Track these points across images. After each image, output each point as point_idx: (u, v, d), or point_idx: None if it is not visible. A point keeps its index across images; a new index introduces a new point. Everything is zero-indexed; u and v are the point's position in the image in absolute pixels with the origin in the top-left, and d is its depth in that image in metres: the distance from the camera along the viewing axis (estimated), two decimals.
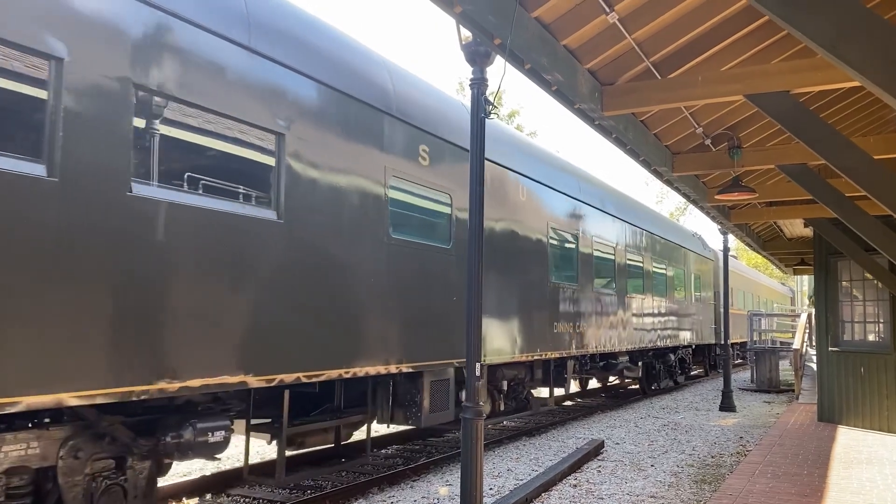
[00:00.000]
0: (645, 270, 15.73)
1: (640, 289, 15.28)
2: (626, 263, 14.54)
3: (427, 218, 7.99)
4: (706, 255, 22.21)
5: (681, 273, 18.82)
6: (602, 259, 13.28)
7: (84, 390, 4.32)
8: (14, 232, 4.03)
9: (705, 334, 21.15)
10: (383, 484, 8.22)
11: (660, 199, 51.59)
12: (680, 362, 19.64)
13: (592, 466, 9.26)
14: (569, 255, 11.72)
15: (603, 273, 13.37)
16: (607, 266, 13.65)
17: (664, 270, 17.18)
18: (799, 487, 7.36)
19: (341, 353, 6.40)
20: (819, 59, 5.98)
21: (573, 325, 11.48)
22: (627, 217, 14.89)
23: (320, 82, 6.29)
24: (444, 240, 8.12)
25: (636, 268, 15.28)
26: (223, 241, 5.28)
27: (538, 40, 5.64)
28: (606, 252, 13.58)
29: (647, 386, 17.77)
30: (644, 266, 15.65)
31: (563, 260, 11.47)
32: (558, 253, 11.29)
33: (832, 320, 12.32)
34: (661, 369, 17.95)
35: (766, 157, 9.03)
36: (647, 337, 15.49)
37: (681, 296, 18.59)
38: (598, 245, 13.09)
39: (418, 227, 7.79)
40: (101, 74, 4.52)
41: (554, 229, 11.14)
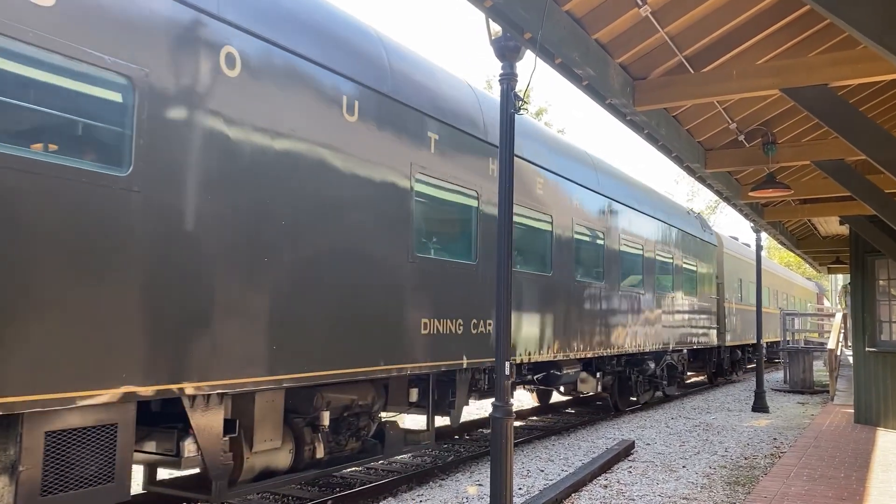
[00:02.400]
0: (607, 252, 11.86)
1: (601, 276, 11.61)
2: (573, 238, 10.61)
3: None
4: (706, 238, 18.44)
5: (668, 259, 15.16)
6: (522, 228, 9.30)
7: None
8: None
9: (704, 336, 17.75)
10: (412, 482, 8.19)
11: (690, 198, 51.00)
12: (669, 369, 15.94)
13: (623, 467, 9.15)
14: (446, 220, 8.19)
15: (528, 248, 9.58)
16: (531, 238, 9.64)
17: (638, 252, 13.38)
18: (836, 490, 7.19)
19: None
20: (860, 52, 5.82)
21: (470, 323, 7.99)
22: (571, 174, 10.80)
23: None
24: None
25: (591, 247, 11.45)
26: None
27: (569, 34, 5.55)
28: (527, 217, 9.46)
29: (620, 400, 14.32)
30: (606, 245, 11.82)
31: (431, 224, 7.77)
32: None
33: (869, 320, 12.05)
34: (639, 380, 14.34)
35: (801, 153, 8.85)
36: (615, 340, 12.05)
37: (667, 288, 15.05)
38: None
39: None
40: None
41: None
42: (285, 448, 6.08)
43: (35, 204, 3.97)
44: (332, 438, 6.70)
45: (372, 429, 7.24)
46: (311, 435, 6.36)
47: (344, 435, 6.88)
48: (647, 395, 15.27)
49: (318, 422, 6.36)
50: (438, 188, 7.66)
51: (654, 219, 14.41)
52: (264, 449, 5.77)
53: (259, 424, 5.68)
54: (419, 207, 7.29)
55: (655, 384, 15.46)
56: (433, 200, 7.65)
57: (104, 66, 4.33)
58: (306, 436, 6.32)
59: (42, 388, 3.97)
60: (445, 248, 7.99)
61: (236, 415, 5.62)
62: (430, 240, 7.74)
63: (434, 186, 7.59)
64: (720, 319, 19.47)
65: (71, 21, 4.18)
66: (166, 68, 4.69)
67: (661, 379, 15.49)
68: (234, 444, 5.58)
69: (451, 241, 8.23)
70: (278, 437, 5.91)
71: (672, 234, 15.55)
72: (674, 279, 15.48)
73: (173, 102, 4.74)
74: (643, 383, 14.68)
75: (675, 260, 15.64)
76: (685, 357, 17.10)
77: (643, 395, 14.98)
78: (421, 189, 7.33)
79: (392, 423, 7.55)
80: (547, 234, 9.92)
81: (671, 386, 16.46)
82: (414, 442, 7.75)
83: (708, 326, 18.11)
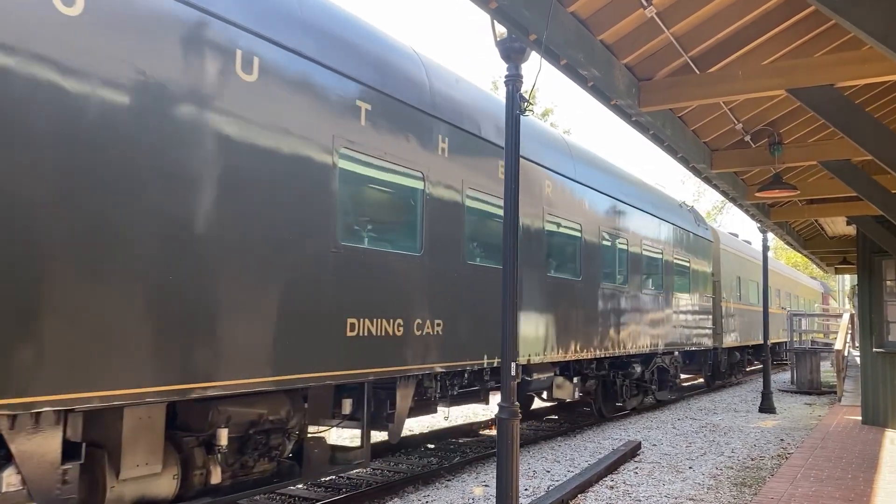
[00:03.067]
0: (585, 246, 10.74)
1: (578, 272, 10.53)
2: (544, 230, 9.51)
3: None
4: (700, 233, 17.17)
5: (656, 255, 13.90)
6: (483, 217, 8.28)
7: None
8: None
9: (698, 337, 16.51)
10: (418, 483, 8.20)
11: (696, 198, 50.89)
12: (660, 372, 14.98)
13: (629, 468, 9.14)
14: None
15: (492, 241, 8.29)
16: (496, 230, 8.15)
17: (622, 247, 12.28)
18: (843, 492, 7.17)
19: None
20: (865, 52, 5.81)
21: (413, 324, 6.93)
22: (542, 159, 9.65)
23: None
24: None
25: (566, 240, 10.39)
26: None
27: (574, 35, 5.56)
28: (490, 204, 8.32)
29: (604, 406, 13.10)
30: (584, 238, 10.75)
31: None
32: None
33: (876, 321, 12.01)
34: (625, 384, 13.23)
35: (807, 154, 8.84)
36: (596, 342, 11.01)
37: (656, 286, 13.89)
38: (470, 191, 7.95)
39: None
40: None
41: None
42: (168, 474, 5.07)
43: None
44: (234, 460, 5.67)
45: (288, 447, 6.12)
46: (205, 457, 5.32)
47: (251, 455, 5.80)
48: (634, 400, 14.10)
49: (213, 441, 5.31)
50: (372, 166, 6.55)
51: (642, 211, 13.28)
52: (137, 475, 4.79)
53: (128, 446, 4.71)
54: (346, 188, 6.21)
55: (644, 389, 14.39)
56: (365, 180, 6.59)
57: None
58: (197, 458, 5.27)
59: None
60: (382, 237, 6.90)
61: (94, 436, 4.66)
62: (363, 227, 6.64)
63: (366, 164, 6.48)
64: (717, 320, 18.44)
65: None
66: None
67: (651, 383, 14.46)
68: (92, 471, 4.65)
69: (390, 228, 7.09)
70: (157, 460, 4.90)
71: (662, 228, 14.30)
72: (663, 276, 14.26)
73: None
74: (630, 388, 13.57)
75: (665, 256, 14.41)
76: (678, 360, 15.90)
77: (630, 400, 13.82)
78: (348, 166, 6.23)
79: (317, 439, 6.45)
80: None
81: (662, 391, 15.50)
82: (344, 461, 6.66)
83: (703, 327, 16.93)
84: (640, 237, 13.04)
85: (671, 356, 15.31)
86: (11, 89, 3.89)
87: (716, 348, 18.50)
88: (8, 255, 3.85)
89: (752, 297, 22.80)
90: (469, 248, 7.96)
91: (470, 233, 7.96)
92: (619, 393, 13.12)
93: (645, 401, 14.91)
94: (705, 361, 18.42)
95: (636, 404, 14.38)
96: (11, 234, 3.87)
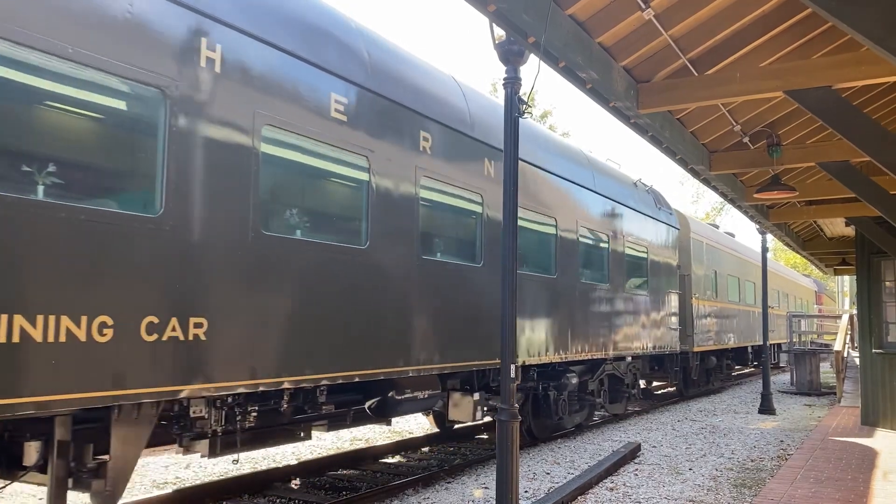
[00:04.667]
0: (486, 224, 8.36)
1: (476, 257, 8.22)
2: (415, 197, 7.18)
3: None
4: (663, 219, 14.69)
5: (601, 242, 11.57)
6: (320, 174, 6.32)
7: None
8: None
9: (660, 340, 13.98)
10: (418, 486, 8.20)
11: (695, 199, 50.95)
12: (611, 381, 12.69)
13: (629, 470, 9.14)
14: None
15: (335, 211, 6.50)
16: (343, 199, 6.58)
17: (548, 229, 9.90)
18: (843, 493, 7.17)
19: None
20: (863, 54, 5.83)
21: (141, 326, 4.63)
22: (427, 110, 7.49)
23: None
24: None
25: (455, 212, 8.06)
26: None
27: (573, 38, 5.58)
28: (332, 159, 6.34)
29: (536, 425, 10.83)
30: (486, 214, 8.36)
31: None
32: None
33: (875, 322, 12.02)
34: (561, 398, 10.65)
35: (806, 155, 8.85)
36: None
37: (600, 278, 11.48)
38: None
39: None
40: None
41: None
42: None
43: None
44: None
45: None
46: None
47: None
48: (578, 416, 11.69)
49: None
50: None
51: (581, 187, 10.86)
52: None
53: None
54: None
55: (590, 403, 11.88)
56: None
57: None
58: None
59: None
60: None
61: None
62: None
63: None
64: (685, 319, 16.12)
65: None
66: None
67: (600, 395, 12.04)
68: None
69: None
70: None
71: (609, 208, 11.91)
72: (610, 267, 11.82)
73: None
74: (570, 402, 11.03)
75: (614, 243, 11.98)
76: (635, 366, 13.52)
77: (571, 416, 11.29)
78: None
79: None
80: (364, 186, 6.57)
81: (616, 403, 13.10)
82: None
83: (666, 328, 14.40)
84: (577, 218, 10.69)
85: (625, 362, 12.95)
86: None
87: (685, 352, 16.23)
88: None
89: (732, 294, 20.58)
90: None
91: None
92: (556, 409, 10.56)
93: (593, 417, 12.62)
94: (671, 367, 15.71)
95: (581, 420, 11.94)
96: None
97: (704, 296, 17.71)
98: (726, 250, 20.31)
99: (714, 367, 19.23)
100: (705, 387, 19.15)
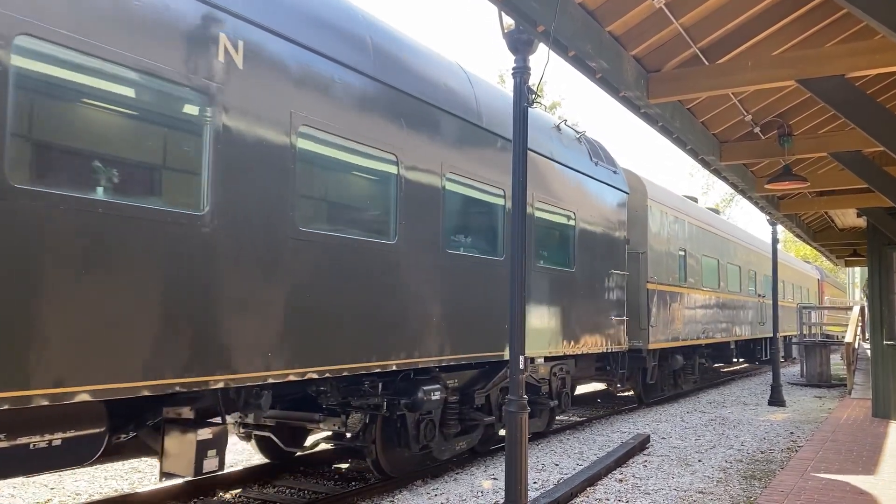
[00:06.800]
0: (300, 162, 5.87)
1: (285, 219, 5.70)
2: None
3: None
4: (601, 178, 11.36)
5: (492, 197, 8.43)
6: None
7: None
8: None
9: (597, 334, 10.93)
10: (427, 476, 8.21)
11: (705, 191, 50.72)
12: (529, 391, 8.72)
13: (638, 461, 9.13)
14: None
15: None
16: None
17: (387, 165, 6.85)
18: (853, 485, 7.13)
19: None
20: (877, 42, 5.76)
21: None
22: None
23: None
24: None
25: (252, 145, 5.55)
26: None
27: (582, 27, 5.53)
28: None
29: (386, 458, 7.59)
30: (294, 143, 5.83)
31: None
32: None
33: (887, 313, 11.95)
34: (424, 420, 7.55)
35: (818, 145, 8.77)
36: (327, 349, 6.03)
37: (490, 250, 8.42)
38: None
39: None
40: None
41: None
42: None
43: None
44: None
45: None
46: None
47: None
48: (464, 439, 8.36)
49: None
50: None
51: (450, 115, 7.68)
52: None
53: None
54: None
55: (475, 424, 8.53)
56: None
57: None
58: None
59: None
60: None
61: None
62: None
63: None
64: (637, 309, 12.93)
65: None
66: None
67: (492, 412, 8.71)
68: None
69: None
70: None
71: (505, 153, 8.39)
72: (505, 234, 8.44)
73: None
74: (446, 424, 8.00)
75: (510, 202, 8.35)
76: (563, 369, 10.45)
77: (448, 442, 8.07)
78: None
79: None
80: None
81: (532, 419, 9.76)
82: None
83: (605, 319, 11.23)
84: (442, 160, 7.50)
85: (548, 366, 10.10)
86: None
87: (637, 350, 12.87)
88: None
89: (709, 279, 16.95)
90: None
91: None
92: (413, 435, 7.44)
93: (476, 441, 8.70)
94: (615, 369, 12.14)
95: (467, 446, 8.48)
96: None
97: (666, 280, 14.17)
98: (701, 225, 16.62)
99: (681, 369, 15.63)
100: (673, 391, 15.81)
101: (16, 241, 3.99)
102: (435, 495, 7.39)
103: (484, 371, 8.68)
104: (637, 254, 13.08)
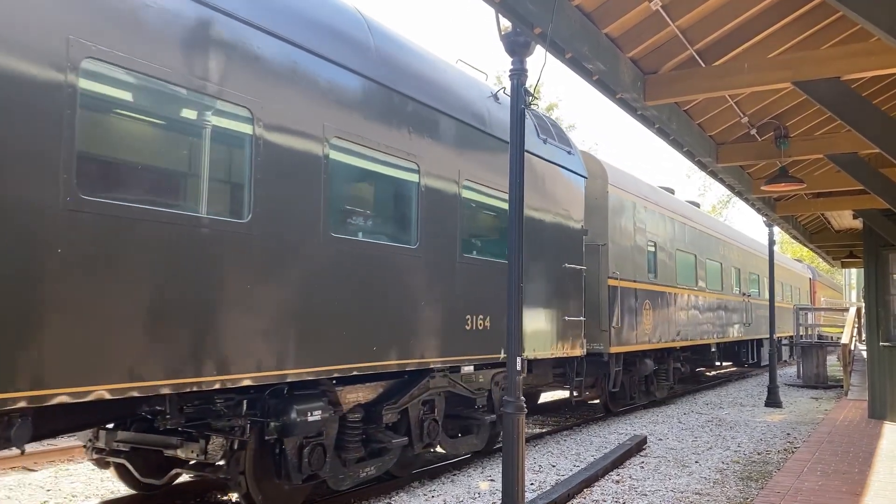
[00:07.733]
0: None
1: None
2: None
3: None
4: (552, 159, 9.84)
5: (403, 174, 7.06)
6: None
7: None
8: None
9: (544, 338, 9.48)
10: (424, 478, 8.22)
11: (702, 192, 50.81)
12: (454, 401, 8.13)
13: (635, 462, 9.14)
14: None
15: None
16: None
17: (242, 130, 5.36)
18: (850, 486, 7.15)
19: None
20: (872, 44, 5.77)
21: None
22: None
23: None
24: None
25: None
26: None
27: (579, 29, 5.54)
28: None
29: (263, 488, 6.10)
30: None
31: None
32: None
33: (883, 314, 11.98)
34: (309, 446, 6.12)
35: (814, 147, 8.80)
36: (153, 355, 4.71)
37: (405, 239, 7.06)
38: None
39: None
40: None
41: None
42: None
43: None
44: None
45: None
46: None
47: None
48: (370, 467, 6.97)
49: None
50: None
51: (349, 71, 6.39)
52: None
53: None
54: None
55: (382, 448, 7.11)
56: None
57: None
58: None
59: None
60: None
61: None
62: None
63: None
64: (597, 308, 11.55)
65: None
66: None
67: (418, 427, 7.46)
68: None
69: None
70: None
71: (424, 120, 7.29)
72: (422, 218, 7.22)
73: None
74: (346, 448, 6.65)
75: (431, 180, 7.34)
76: (502, 379, 8.76)
77: (348, 470, 6.72)
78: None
79: None
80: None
81: (464, 437, 8.61)
82: None
83: (560, 319, 9.87)
84: (334, 124, 6.16)
85: (486, 373, 8.55)
86: None
87: (597, 354, 11.48)
88: None
89: (684, 276, 15.53)
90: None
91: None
92: (295, 463, 6.07)
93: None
94: (571, 375, 10.77)
95: (376, 472, 7.11)
96: None
97: (632, 276, 12.76)
98: (676, 217, 15.21)
99: (653, 373, 14.33)
100: (645, 398, 14.49)
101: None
102: (432, 497, 7.39)
103: (403, 382, 7.29)
104: (597, 246, 11.64)
